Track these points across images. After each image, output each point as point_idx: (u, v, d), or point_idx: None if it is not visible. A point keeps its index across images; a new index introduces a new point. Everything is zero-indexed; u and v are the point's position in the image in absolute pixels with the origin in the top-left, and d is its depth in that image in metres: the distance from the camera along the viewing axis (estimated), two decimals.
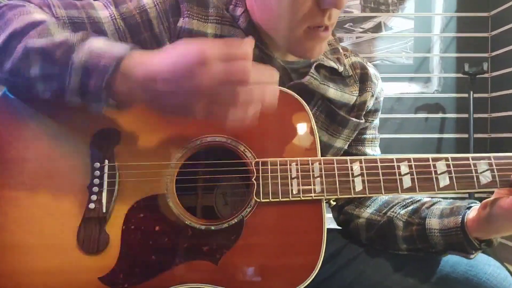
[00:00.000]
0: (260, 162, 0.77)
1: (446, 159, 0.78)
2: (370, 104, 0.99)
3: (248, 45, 0.62)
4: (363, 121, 0.98)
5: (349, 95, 0.95)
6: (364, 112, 0.98)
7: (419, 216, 0.87)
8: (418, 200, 0.92)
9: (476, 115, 2.57)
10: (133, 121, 0.80)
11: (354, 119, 0.95)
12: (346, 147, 0.99)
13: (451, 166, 0.77)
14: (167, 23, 0.83)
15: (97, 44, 0.68)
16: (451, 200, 0.88)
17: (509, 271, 0.86)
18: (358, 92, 0.97)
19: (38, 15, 0.73)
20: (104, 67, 0.65)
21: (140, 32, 0.82)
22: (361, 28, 2.83)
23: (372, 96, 0.99)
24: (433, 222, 0.84)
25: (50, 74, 0.68)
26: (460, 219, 0.81)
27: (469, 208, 0.82)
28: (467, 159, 0.78)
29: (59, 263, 0.74)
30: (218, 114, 0.63)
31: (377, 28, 2.82)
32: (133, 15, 0.82)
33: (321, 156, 0.79)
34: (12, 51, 0.69)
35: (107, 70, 0.65)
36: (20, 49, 0.68)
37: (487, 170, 0.77)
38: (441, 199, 0.90)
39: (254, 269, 0.76)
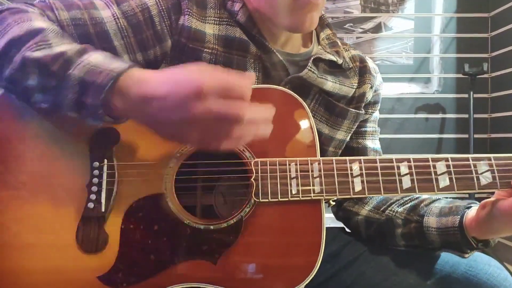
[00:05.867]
0: (259, 162, 0.77)
1: (446, 159, 0.78)
2: (369, 96, 1.00)
3: (248, 80, 0.61)
4: (362, 111, 0.99)
5: (348, 88, 0.95)
6: (363, 104, 0.99)
7: (417, 214, 0.88)
8: (417, 197, 0.92)
9: (476, 116, 2.57)
10: (132, 121, 0.80)
11: (353, 110, 0.96)
12: (348, 139, 0.99)
13: (451, 167, 0.77)
14: (168, 21, 0.83)
15: (95, 59, 0.67)
16: (450, 199, 0.88)
17: (509, 271, 0.86)
18: (357, 84, 0.97)
19: (38, 22, 0.71)
20: (100, 85, 0.64)
21: (142, 31, 0.82)
22: (361, 28, 2.83)
23: (371, 88, 1.00)
24: (431, 221, 0.84)
25: (47, 87, 0.68)
26: (459, 219, 0.81)
27: (468, 207, 0.82)
28: (467, 159, 0.78)
29: (58, 262, 0.74)
30: (210, 145, 0.63)
31: (377, 28, 2.83)
32: (135, 13, 0.81)
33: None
34: (11, 59, 0.68)
35: (103, 88, 0.64)
36: (18, 59, 0.68)
37: (487, 171, 0.77)
38: (441, 197, 0.91)
39: (252, 269, 0.76)
